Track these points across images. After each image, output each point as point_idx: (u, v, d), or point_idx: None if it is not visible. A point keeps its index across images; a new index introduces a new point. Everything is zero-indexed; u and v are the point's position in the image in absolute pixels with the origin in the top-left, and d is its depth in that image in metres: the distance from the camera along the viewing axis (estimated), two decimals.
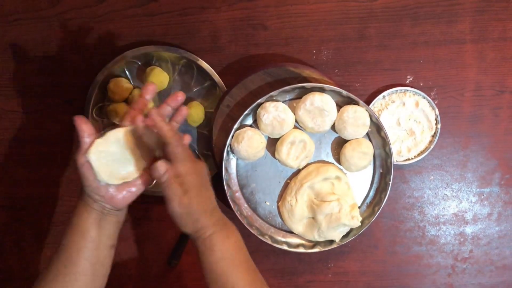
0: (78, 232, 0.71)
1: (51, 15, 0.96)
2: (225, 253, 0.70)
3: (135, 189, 0.73)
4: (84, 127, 0.70)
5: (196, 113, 0.93)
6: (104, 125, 0.96)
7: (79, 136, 0.70)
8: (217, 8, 0.95)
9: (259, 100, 0.87)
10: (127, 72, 0.95)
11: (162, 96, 0.95)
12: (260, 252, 0.97)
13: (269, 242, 0.90)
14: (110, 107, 0.94)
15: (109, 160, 0.70)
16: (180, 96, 0.74)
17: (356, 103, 0.87)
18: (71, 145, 0.98)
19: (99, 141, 0.70)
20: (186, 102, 0.94)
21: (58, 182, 0.98)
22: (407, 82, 0.95)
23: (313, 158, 0.91)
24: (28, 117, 0.97)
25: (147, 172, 0.73)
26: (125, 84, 0.93)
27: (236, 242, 0.72)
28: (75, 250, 0.71)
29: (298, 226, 0.91)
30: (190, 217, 0.69)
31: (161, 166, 0.68)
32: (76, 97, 0.96)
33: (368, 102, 0.93)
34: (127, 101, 0.95)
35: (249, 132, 0.87)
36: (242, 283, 0.70)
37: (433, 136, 0.93)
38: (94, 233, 0.71)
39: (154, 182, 0.73)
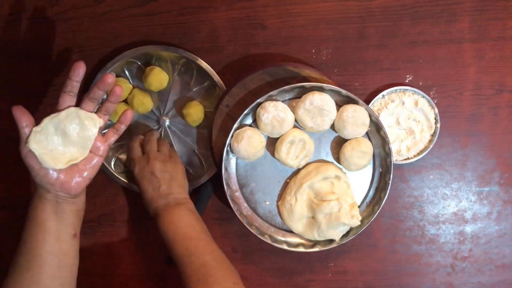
0: (36, 225, 0.72)
1: (50, 15, 0.96)
2: (163, 230, 0.83)
3: (87, 173, 0.75)
4: (22, 117, 0.71)
5: (196, 112, 0.92)
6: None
7: (18, 126, 0.71)
8: (216, 7, 0.95)
9: (258, 100, 0.87)
10: (126, 72, 0.95)
11: (161, 96, 0.95)
12: (260, 251, 0.97)
13: (269, 241, 0.90)
14: None
15: (51, 146, 0.72)
16: (110, 79, 0.74)
17: (356, 103, 0.87)
18: None
19: (36, 129, 0.71)
20: (186, 102, 0.94)
21: None
22: (407, 81, 0.95)
23: (313, 157, 0.91)
24: None
25: (96, 154, 0.76)
26: (124, 84, 0.93)
27: (171, 222, 0.83)
28: (35, 244, 0.71)
29: (298, 225, 0.91)
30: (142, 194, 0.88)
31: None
32: None
33: (367, 101, 0.93)
34: (127, 100, 0.95)
35: (248, 132, 0.87)
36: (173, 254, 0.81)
37: (433, 135, 0.93)
38: (52, 224, 0.72)
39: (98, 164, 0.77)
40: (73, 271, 0.75)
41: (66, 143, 0.74)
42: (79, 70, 0.72)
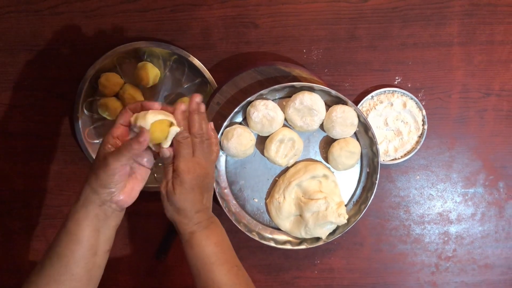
0: (76, 241, 0.69)
1: (42, 9, 0.96)
2: (204, 251, 0.72)
3: (141, 185, 0.73)
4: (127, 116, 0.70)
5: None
6: (94, 119, 0.96)
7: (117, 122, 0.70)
8: (209, 5, 0.95)
9: (249, 98, 0.88)
10: (118, 67, 0.95)
11: (153, 92, 0.96)
12: (248, 248, 0.98)
13: (257, 238, 0.91)
14: (101, 102, 0.94)
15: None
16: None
17: (345, 103, 0.88)
18: (61, 138, 0.98)
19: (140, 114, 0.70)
20: (177, 98, 0.95)
21: (48, 176, 0.98)
22: (396, 83, 0.96)
23: (302, 156, 0.92)
24: (18, 110, 0.97)
25: (148, 167, 0.74)
26: (116, 79, 0.94)
27: (218, 242, 0.73)
28: (72, 259, 0.69)
29: (286, 223, 0.92)
30: (176, 212, 0.72)
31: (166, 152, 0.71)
32: (67, 91, 0.96)
33: (356, 102, 0.94)
34: (118, 95, 0.95)
35: (238, 130, 0.88)
36: (223, 282, 0.71)
37: (420, 136, 0.94)
38: (94, 241, 0.70)
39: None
40: (97, 283, 0.74)
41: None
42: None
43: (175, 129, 0.69)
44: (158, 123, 0.68)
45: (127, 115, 0.71)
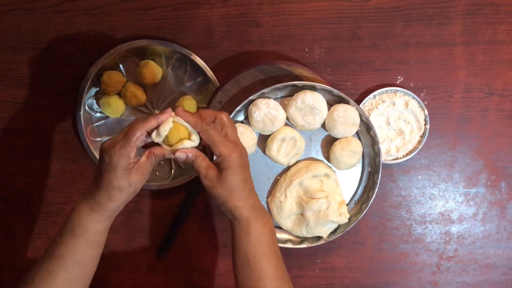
0: (83, 243, 0.69)
1: (45, 7, 0.96)
2: (260, 239, 0.71)
3: (146, 175, 0.72)
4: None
5: (189, 107, 0.93)
6: (96, 118, 0.96)
7: (132, 134, 0.67)
8: (211, 4, 0.95)
9: (251, 97, 0.88)
10: (120, 65, 0.95)
11: (155, 90, 0.96)
12: None
13: None
14: (103, 100, 0.94)
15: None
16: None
17: (347, 102, 0.88)
18: (63, 136, 0.98)
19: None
20: (179, 96, 0.95)
21: (50, 174, 0.99)
22: (398, 82, 0.96)
23: (303, 155, 0.92)
24: (21, 108, 0.98)
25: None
26: (118, 77, 0.94)
27: (271, 231, 0.73)
28: (69, 260, 0.69)
29: (287, 222, 0.92)
30: (230, 196, 0.70)
31: (190, 153, 0.69)
32: (69, 89, 0.97)
33: (358, 101, 0.94)
34: (120, 93, 0.95)
35: (240, 128, 0.88)
36: (270, 274, 0.70)
37: (422, 136, 0.94)
38: (95, 239, 0.71)
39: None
40: (93, 274, 0.74)
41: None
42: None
43: (190, 142, 0.70)
44: (175, 127, 0.69)
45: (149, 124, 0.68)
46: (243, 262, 0.71)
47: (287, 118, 0.91)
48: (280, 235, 0.93)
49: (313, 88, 0.88)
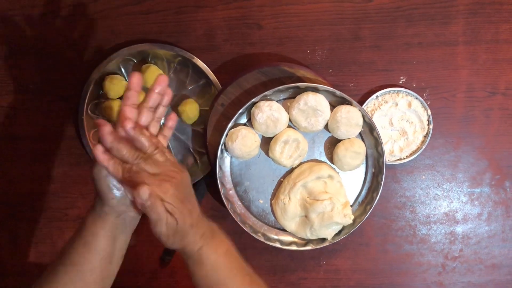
0: (93, 250, 0.68)
1: (47, 12, 0.96)
2: (216, 266, 0.68)
3: None
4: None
5: (191, 110, 0.93)
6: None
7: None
8: (212, 6, 0.95)
9: (253, 99, 0.88)
10: (122, 70, 0.95)
11: None
12: (253, 249, 0.98)
13: (262, 239, 0.91)
14: (105, 104, 0.94)
15: None
16: (164, 81, 0.68)
17: (350, 103, 0.88)
18: (65, 141, 0.98)
19: None
20: (181, 99, 0.95)
21: (53, 179, 0.98)
22: (400, 82, 0.95)
23: (306, 157, 0.92)
24: (23, 113, 0.98)
25: None
26: (120, 81, 0.94)
27: (227, 252, 0.70)
28: (87, 268, 0.68)
29: (291, 224, 0.92)
30: (177, 235, 0.65)
31: (144, 192, 0.61)
32: (71, 94, 0.97)
33: (361, 102, 0.93)
34: (122, 98, 0.95)
35: (243, 131, 0.88)
36: None
37: (425, 136, 0.94)
38: (110, 250, 0.69)
39: None
40: (110, 285, 0.73)
41: None
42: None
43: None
44: None
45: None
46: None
47: (290, 120, 0.90)
48: (284, 238, 0.93)
49: (315, 90, 0.88)
